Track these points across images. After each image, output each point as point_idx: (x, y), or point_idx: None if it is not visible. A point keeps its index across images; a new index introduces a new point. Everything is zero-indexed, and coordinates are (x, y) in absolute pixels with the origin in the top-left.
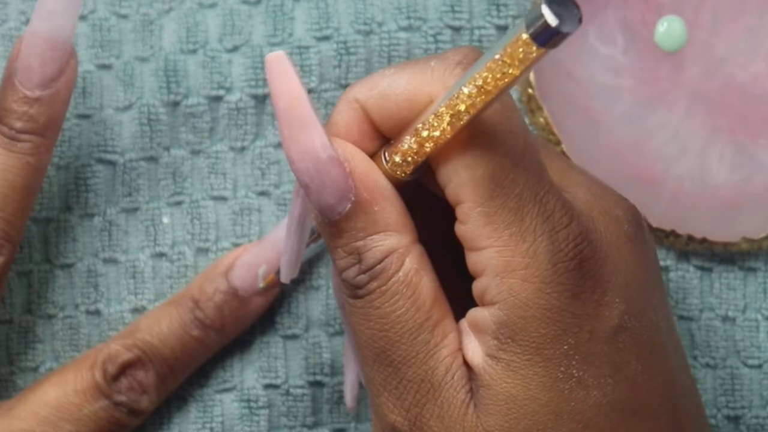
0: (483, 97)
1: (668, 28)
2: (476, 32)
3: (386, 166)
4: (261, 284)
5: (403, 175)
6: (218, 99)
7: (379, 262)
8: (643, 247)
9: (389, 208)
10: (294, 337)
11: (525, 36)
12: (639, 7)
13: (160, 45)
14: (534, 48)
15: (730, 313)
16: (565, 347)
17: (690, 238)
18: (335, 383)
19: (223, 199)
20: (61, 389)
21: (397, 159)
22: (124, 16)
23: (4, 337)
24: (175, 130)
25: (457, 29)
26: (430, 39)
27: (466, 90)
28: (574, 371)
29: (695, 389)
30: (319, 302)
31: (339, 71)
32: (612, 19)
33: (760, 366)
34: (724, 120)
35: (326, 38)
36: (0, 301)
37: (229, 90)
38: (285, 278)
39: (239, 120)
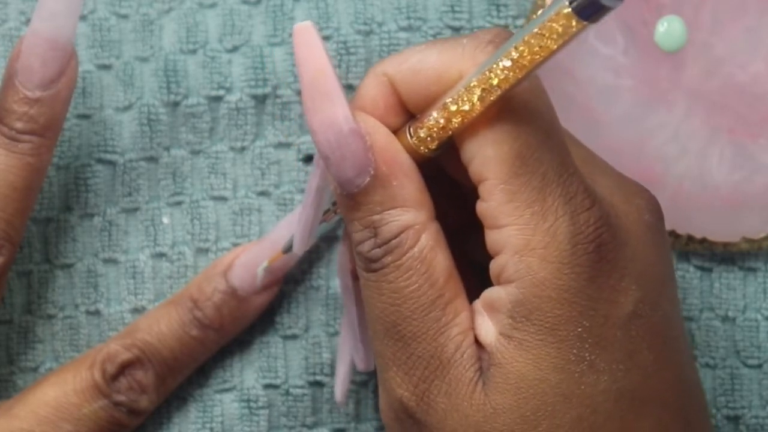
0: (517, 71)
1: (668, 28)
2: None
3: (410, 141)
4: (265, 265)
5: (426, 151)
6: (218, 99)
7: (395, 237)
8: (662, 238)
9: (408, 183)
10: (294, 337)
11: (567, 9)
12: (639, 7)
13: (160, 45)
14: (574, 22)
15: (730, 313)
16: (579, 329)
17: (690, 238)
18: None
19: (223, 199)
20: (60, 389)
21: (422, 134)
22: (124, 16)
23: (4, 337)
24: (175, 130)
25: (457, 29)
26: (430, 39)
27: (500, 63)
28: (587, 354)
29: (702, 387)
30: (319, 302)
31: (339, 71)
32: (612, 19)
33: (760, 366)
34: (724, 120)
35: (326, 38)
36: (0, 301)
37: (229, 90)
38: (297, 249)
39: (239, 120)
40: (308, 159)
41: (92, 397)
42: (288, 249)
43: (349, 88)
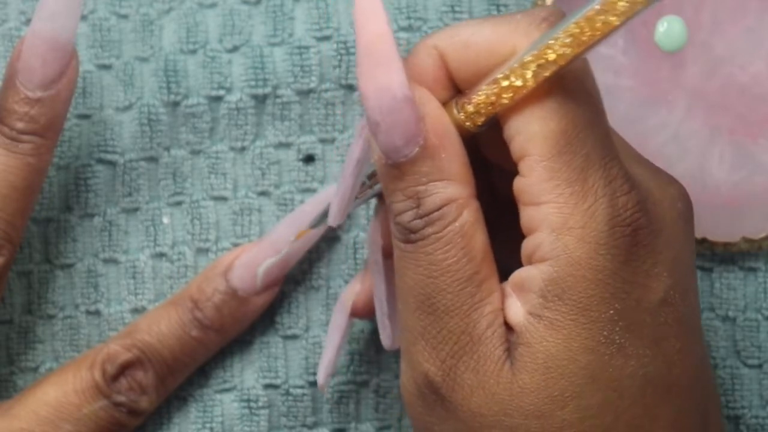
0: (575, 48)
1: (668, 28)
2: None
3: (457, 116)
4: (293, 239)
5: (472, 126)
6: (218, 99)
7: (438, 209)
8: (691, 229)
9: (455, 157)
10: (294, 337)
11: None
12: None
13: (160, 45)
14: None
15: (730, 313)
16: (611, 312)
17: None
18: (335, 383)
19: (223, 199)
20: (60, 389)
21: (470, 109)
22: (124, 16)
23: (4, 337)
24: (175, 130)
25: None
26: None
27: (559, 39)
28: (617, 337)
29: (715, 381)
30: (319, 302)
31: (339, 71)
32: None
33: (760, 366)
34: (724, 120)
35: (326, 38)
36: (0, 301)
37: (229, 90)
38: (332, 221)
39: (239, 120)
40: (308, 159)
41: (92, 398)
42: (317, 223)
43: (349, 89)
